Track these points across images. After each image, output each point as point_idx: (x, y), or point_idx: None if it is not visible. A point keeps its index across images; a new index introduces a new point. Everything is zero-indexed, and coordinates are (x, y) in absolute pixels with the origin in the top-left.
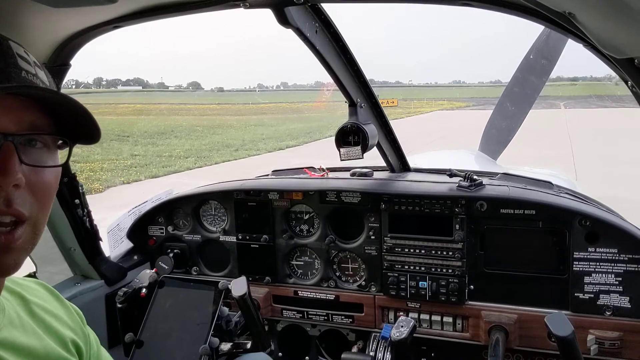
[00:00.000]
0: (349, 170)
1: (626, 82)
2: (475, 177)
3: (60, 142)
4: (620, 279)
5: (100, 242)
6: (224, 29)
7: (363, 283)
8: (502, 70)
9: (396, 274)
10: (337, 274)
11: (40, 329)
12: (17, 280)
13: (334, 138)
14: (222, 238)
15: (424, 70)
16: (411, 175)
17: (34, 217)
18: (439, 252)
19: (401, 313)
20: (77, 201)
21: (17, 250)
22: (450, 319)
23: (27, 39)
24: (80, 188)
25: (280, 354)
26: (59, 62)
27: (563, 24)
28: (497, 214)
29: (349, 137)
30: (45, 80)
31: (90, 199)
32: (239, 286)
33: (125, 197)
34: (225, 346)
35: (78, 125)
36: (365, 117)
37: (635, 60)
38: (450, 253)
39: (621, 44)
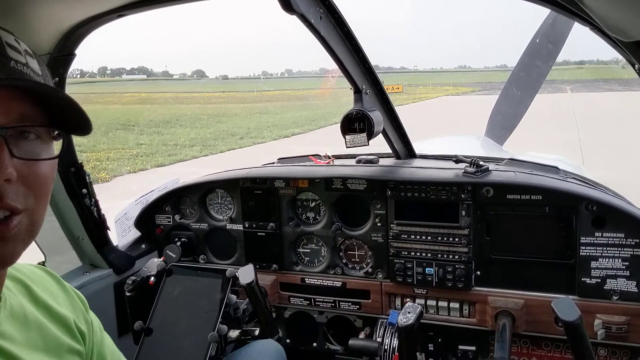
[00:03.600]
0: (355, 158)
1: (633, 66)
2: (481, 162)
3: (55, 132)
4: (627, 263)
5: (108, 231)
6: (228, 16)
7: (370, 270)
8: (508, 54)
9: (403, 261)
10: (344, 261)
11: (43, 316)
12: (19, 268)
13: (339, 125)
14: (229, 226)
15: (429, 55)
16: (417, 162)
17: (30, 209)
18: (446, 239)
19: (408, 299)
20: (84, 191)
21: (12, 240)
22: (457, 305)
23: (32, 28)
24: (87, 177)
25: (287, 340)
26: (64, 51)
27: (569, 7)
28: (504, 199)
29: (355, 124)
30: (37, 69)
31: (97, 188)
32: (246, 274)
33: (132, 186)
34: (234, 333)
35: (68, 117)
36: (371, 103)
37: None
38: (457, 239)
39: (628, 27)
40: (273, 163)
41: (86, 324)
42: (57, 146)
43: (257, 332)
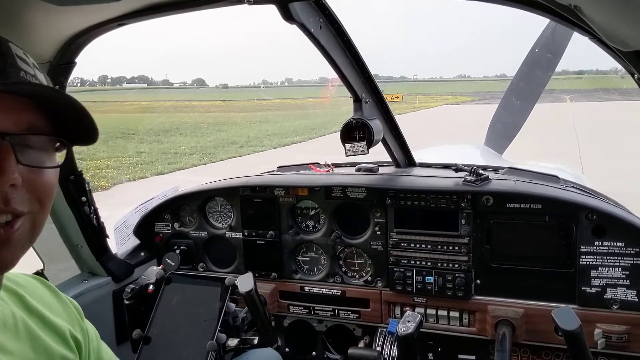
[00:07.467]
0: (354, 166)
1: (632, 75)
2: (481, 171)
3: (57, 144)
4: (627, 272)
5: (107, 239)
6: (228, 25)
7: (369, 278)
8: (508, 64)
9: (402, 269)
10: (343, 269)
11: (37, 325)
12: (13, 278)
13: (339, 134)
14: (228, 234)
15: (428, 64)
16: (417, 170)
17: (33, 213)
18: (445, 247)
19: (407, 308)
20: (83, 199)
21: (14, 243)
22: (456, 314)
23: (33, 37)
24: (86, 185)
25: (287, 349)
26: (64, 60)
27: (569, 17)
28: (504, 208)
29: (354, 133)
30: (44, 81)
31: (96, 197)
32: (245, 282)
33: (132, 194)
34: (233, 342)
35: (76, 125)
36: (370, 112)
37: None
38: (457, 248)
39: (627, 37)
40: (273, 171)
41: (82, 332)
42: (59, 157)
43: (256, 341)
